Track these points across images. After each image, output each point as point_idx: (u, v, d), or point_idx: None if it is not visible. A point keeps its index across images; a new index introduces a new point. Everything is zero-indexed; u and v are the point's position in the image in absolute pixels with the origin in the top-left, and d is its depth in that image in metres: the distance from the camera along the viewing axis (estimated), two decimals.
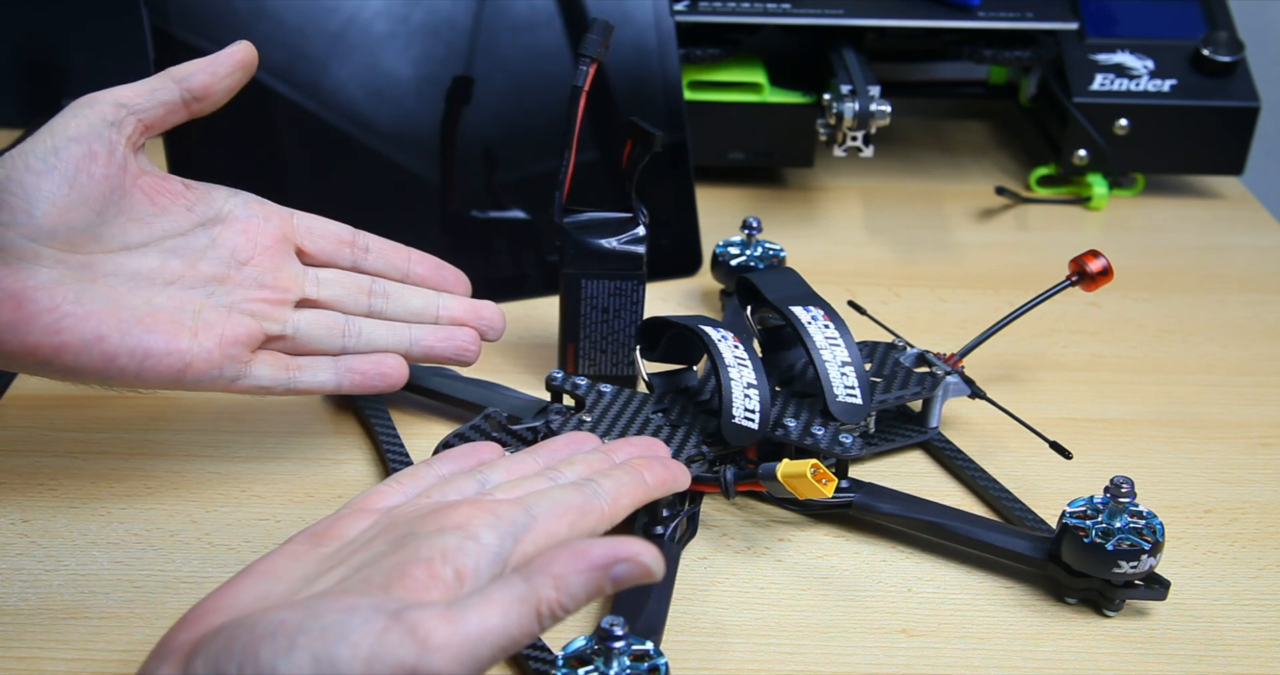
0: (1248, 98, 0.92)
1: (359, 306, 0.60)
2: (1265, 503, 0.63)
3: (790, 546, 0.59)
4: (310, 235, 0.60)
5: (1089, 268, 0.67)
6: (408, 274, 0.62)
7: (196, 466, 0.63)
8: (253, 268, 0.57)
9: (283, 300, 0.58)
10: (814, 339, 0.61)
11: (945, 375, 0.65)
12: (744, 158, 0.93)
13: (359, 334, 0.59)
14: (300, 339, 0.58)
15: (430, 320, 0.61)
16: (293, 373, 0.58)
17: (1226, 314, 0.81)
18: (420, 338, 0.60)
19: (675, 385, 0.64)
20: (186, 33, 0.72)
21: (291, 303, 0.58)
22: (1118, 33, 0.94)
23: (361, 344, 0.60)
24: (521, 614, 0.38)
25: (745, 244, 0.77)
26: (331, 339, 0.59)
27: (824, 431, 0.59)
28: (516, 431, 0.60)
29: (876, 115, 0.82)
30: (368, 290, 0.60)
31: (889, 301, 0.81)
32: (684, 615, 0.55)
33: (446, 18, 0.77)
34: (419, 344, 0.60)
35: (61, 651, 0.51)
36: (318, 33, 0.75)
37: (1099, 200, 0.94)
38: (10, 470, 0.62)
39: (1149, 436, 0.68)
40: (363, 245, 0.61)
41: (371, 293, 0.60)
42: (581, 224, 0.67)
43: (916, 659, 0.53)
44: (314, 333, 0.58)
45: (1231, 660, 0.53)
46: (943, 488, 0.64)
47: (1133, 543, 0.53)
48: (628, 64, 0.80)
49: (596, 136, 0.79)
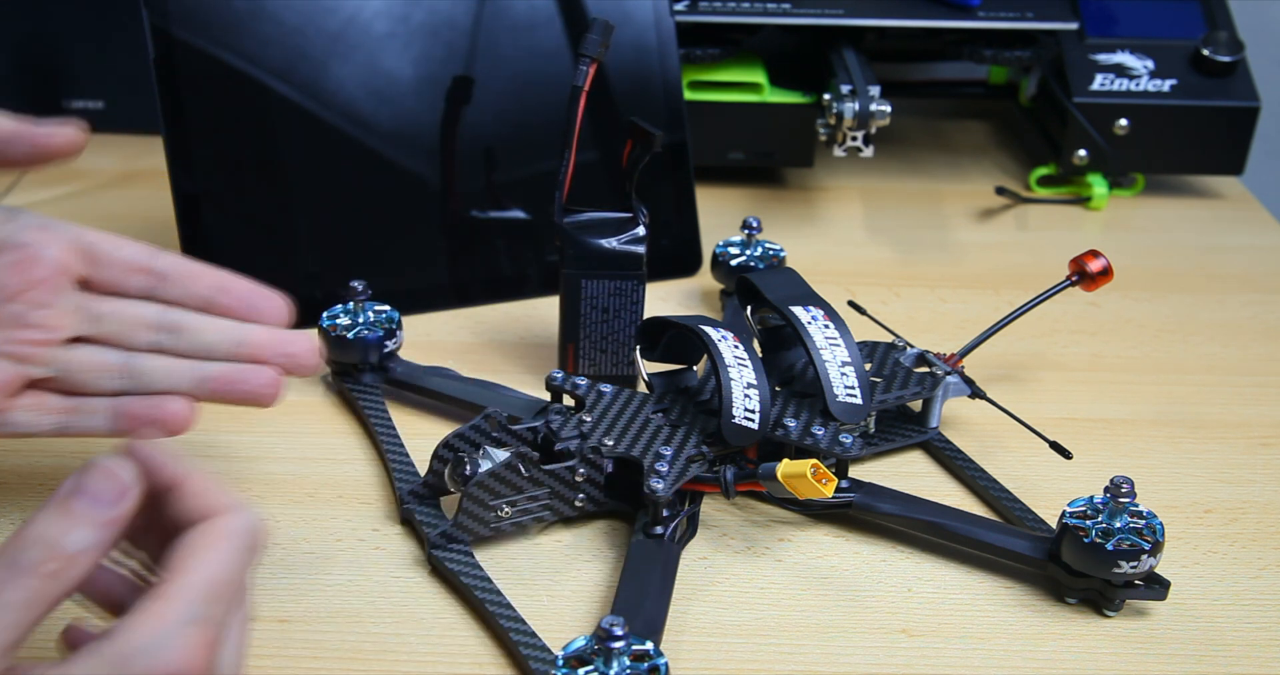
0: (1248, 98, 0.92)
1: (142, 342, 0.54)
2: (1265, 503, 0.63)
3: (790, 546, 0.59)
4: (96, 263, 0.53)
5: (1089, 268, 0.67)
6: (211, 303, 0.54)
7: (196, 466, 0.63)
8: (19, 304, 0.51)
9: (49, 341, 0.52)
10: (814, 339, 0.61)
11: (945, 375, 0.65)
12: (744, 158, 0.93)
13: (139, 373, 0.53)
14: (71, 380, 0.53)
15: (225, 357, 0.54)
16: (63, 416, 0.53)
17: (1226, 314, 0.81)
18: (210, 376, 0.54)
19: (675, 385, 0.64)
20: (186, 33, 0.72)
21: (59, 341, 0.52)
22: (1118, 33, 0.94)
23: (141, 384, 0.53)
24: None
25: (745, 244, 0.77)
26: (106, 380, 0.53)
27: (824, 431, 0.59)
28: (516, 431, 0.60)
29: (876, 115, 0.82)
30: (154, 324, 0.54)
31: (889, 301, 0.81)
32: (684, 615, 0.55)
33: (446, 18, 0.77)
34: (206, 384, 0.54)
35: None
36: (318, 33, 0.75)
37: (1099, 200, 0.94)
38: (10, 470, 0.62)
39: (1149, 436, 0.68)
40: (161, 270, 0.54)
41: (159, 327, 0.54)
42: (581, 224, 0.67)
43: (916, 659, 0.53)
44: (86, 373, 0.53)
45: (1231, 660, 0.53)
46: (943, 488, 0.64)
47: (1133, 543, 0.53)
48: (628, 64, 0.80)
49: (596, 136, 0.79)
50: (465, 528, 0.56)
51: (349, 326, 0.67)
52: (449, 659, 0.52)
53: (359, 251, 0.75)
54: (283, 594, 0.55)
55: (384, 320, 0.68)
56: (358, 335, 0.67)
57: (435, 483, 0.59)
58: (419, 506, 0.59)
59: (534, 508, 0.58)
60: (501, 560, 0.57)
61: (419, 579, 0.56)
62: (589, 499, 0.59)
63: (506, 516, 0.57)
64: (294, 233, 0.74)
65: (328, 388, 0.70)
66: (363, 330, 0.67)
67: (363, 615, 0.54)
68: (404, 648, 0.52)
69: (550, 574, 0.57)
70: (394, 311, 0.69)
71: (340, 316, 0.68)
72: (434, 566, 0.56)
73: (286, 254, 0.75)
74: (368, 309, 0.68)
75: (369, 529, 0.59)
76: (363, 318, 0.68)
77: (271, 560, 0.57)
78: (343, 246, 0.75)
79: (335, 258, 0.75)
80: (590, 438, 0.59)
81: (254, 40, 0.74)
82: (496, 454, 0.58)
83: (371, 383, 0.68)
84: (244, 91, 0.74)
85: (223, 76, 0.74)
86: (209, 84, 0.73)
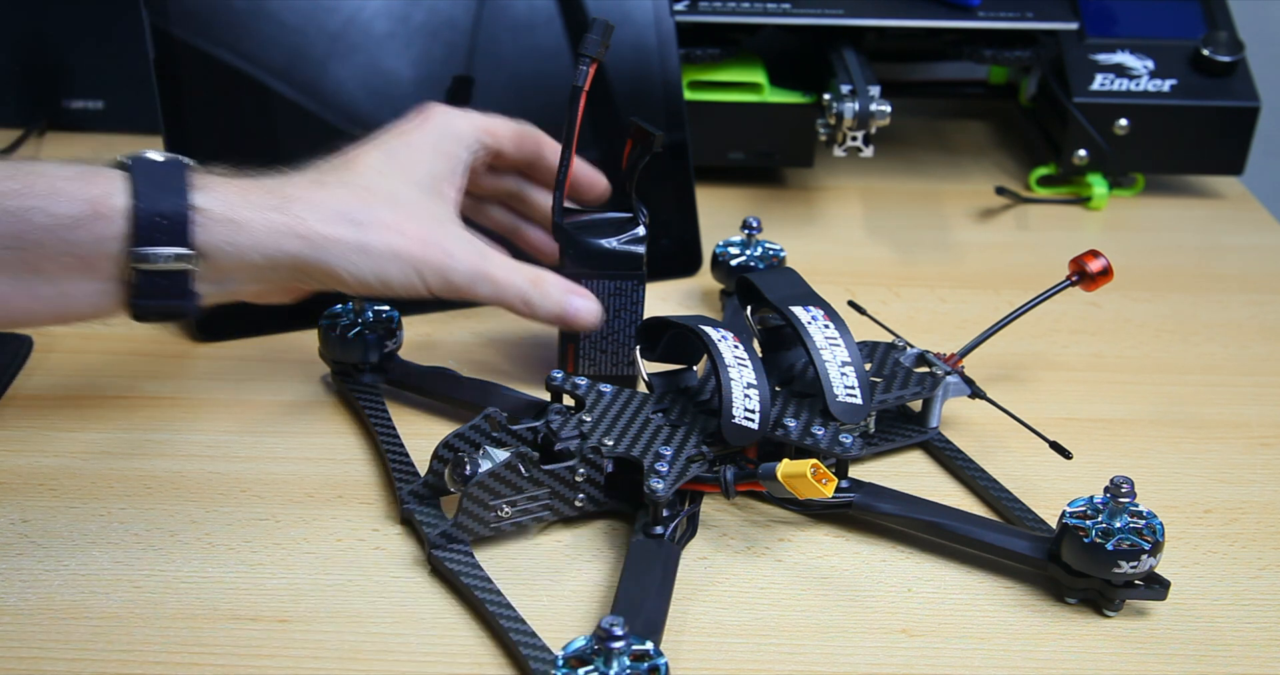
0: (1248, 98, 0.92)
1: None
2: (1265, 503, 0.63)
3: (790, 546, 0.59)
4: None
5: (1089, 268, 0.67)
6: None
7: (196, 466, 0.63)
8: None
9: None
10: (814, 339, 0.61)
11: (945, 375, 0.65)
12: (744, 158, 0.93)
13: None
14: None
15: None
16: None
17: (1226, 314, 0.81)
18: None
19: (675, 385, 0.64)
20: (186, 33, 0.72)
21: None
22: (1118, 33, 0.94)
23: None
24: None
25: (745, 244, 0.77)
26: None
27: (824, 431, 0.59)
28: (516, 431, 0.60)
29: (876, 115, 0.82)
30: None
31: (889, 301, 0.81)
32: (684, 615, 0.55)
33: (446, 18, 0.77)
34: None
35: (61, 651, 0.51)
36: (318, 33, 0.75)
37: (1099, 200, 0.94)
38: (10, 470, 0.62)
39: (1149, 436, 0.68)
40: None
41: None
42: (581, 224, 0.67)
43: (916, 659, 0.53)
44: None
45: (1231, 660, 0.53)
46: (943, 488, 0.64)
47: (1133, 543, 0.53)
48: (628, 64, 0.80)
49: (597, 136, 0.79)
50: (465, 528, 0.56)
51: (349, 326, 0.67)
52: (449, 659, 0.52)
53: None
54: (283, 594, 0.55)
55: (384, 320, 0.68)
56: (358, 335, 0.67)
57: (435, 483, 0.59)
58: (419, 506, 0.59)
59: (534, 508, 0.58)
60: (501, 560, 0.57)
61: (419, 579, 0.56)
62: (589, 499, 0.59)
63: (506, 516, 0.57)
64: None
65: (328, 388, 0.70)
66: (363, 330, 0.67)
67: (363, 615, 0.54)
68: (404, 648, 0.52)
69: (550, 574, 0.57)
70: (394, 311, 0.69)
71: (340, 316, 0.68)
72: (434, 566, 0.56)
73: None
74: (368, 309, 0.68)
75: (369, 529, 0.59)
76: (363, 318, 0.68)
77: (271, 560, 0.57)
78: None
79: None
80: (590, 438, 0.59)
81: (254, 40, 0.74)
82: (496, 454, 0.58)
83: (371, 383, 0.68)
84: (244, 91, 0.74)
85: (223, 76, 0.74)
86: (209, 84, 0.73)
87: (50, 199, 0.53)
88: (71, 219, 0.53)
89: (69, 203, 0.53)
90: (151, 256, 0.54)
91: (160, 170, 0.55)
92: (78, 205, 0.53)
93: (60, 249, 0.53)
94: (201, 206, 0.55)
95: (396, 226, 0.60)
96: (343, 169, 0.62)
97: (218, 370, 0.71)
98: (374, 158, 0.62)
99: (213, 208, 0.56)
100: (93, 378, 0.70)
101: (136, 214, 0.54)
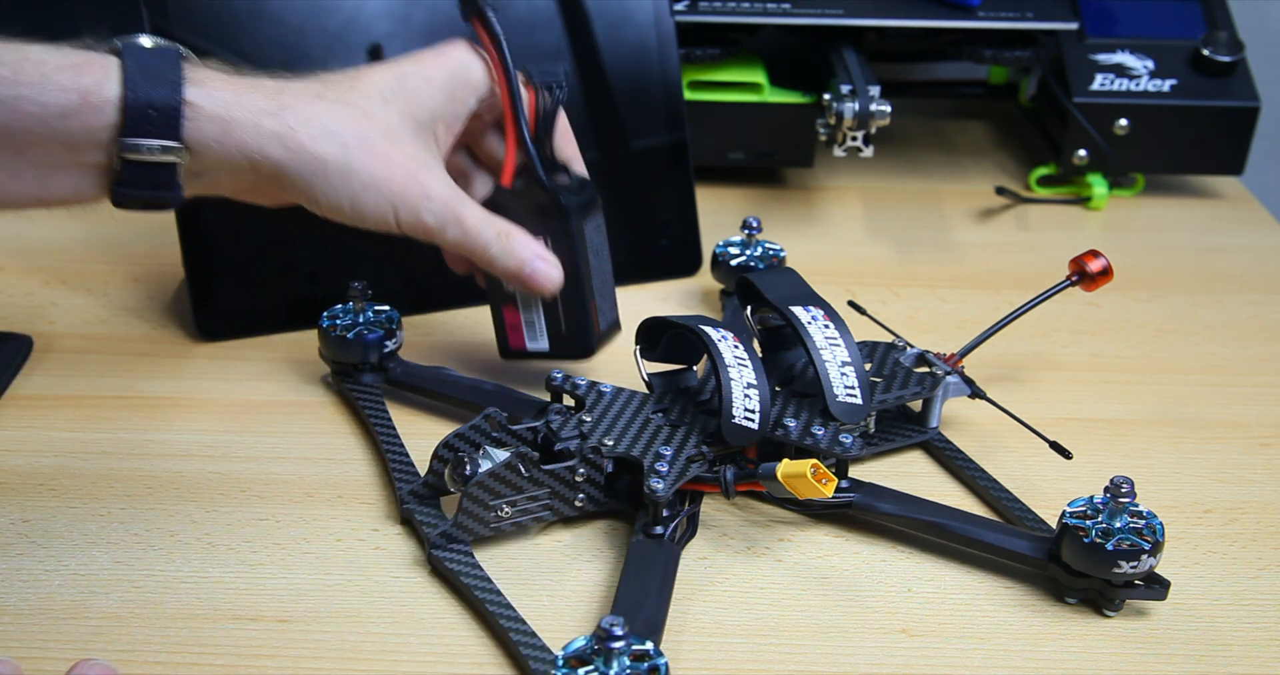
0: (1248, 98, 0.92)
1: None
2: (1265, 503, 0.63)
3: (790, 546, 0.59)
4: None
5: (1089, 268, 0.67)
6: None
7: (196, 466, 0.63)
8: None
9: None
10: (814, 339, 0.61)
11: (945, 375, 0.65)
12: (744, 158, 0.93)
13: None
14: None
15: None
16: None
17: (1226, 314, 0.81)
18: None
19: (675, 385, 0.64)
20: (186, 33, 0.72)
21: None
22: (1118, 33, 0.94)
23: None
24: None
25: (745, 244, 0.77)
26: None
27: (824, 431, 0.59)
28: (516, 431, 0.60)
29: (876, 115, 0.82)
30: None
31: (889, 301, 0.81)
32: (684, 615, 0.55)
33: (446, 18, 0.77)
34: None
35: (61, 651, 0.51)
36: (318, 33, 0.75)
37: (1099, 200, 0.94)
38: (10, 470, 0.62)
39: (1149, 436, 0.68)
40: None
41: None
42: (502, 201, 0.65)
43: (916, 659, 0.53)
44: None
45: (1231, 660, 0.53)
46: (943, 488, 0.64)
47: (1133, 543, 0.53)
48: (628, 64, 0.80)
49: (597, 136, 0.79)
50: (465, 528, 0.56)
51: (349, 326, 0.67)
52: (449, 659, 0.52)
53: (359, 251, 0.75)
54: (283, 594, 0.55)
55: (384, 320, 0.68)
56: (358, 335, 0.67)
57: (435, 483, 0.59)
58: (419, 506, 0.59)
59: (534, 508, 0.58)
60: (501, 560, 0.57)
61: (419, 579, 0.56)
62: (589, 499, 0.59)
63: (506, 516, 0.57)
64: (294, 233, 0.74)
65: (328, 388, 0.70)
66: (363, 330, 0.67)
67: (363, 615, 0.54)
68: (404, 648, 0.52)
69: (550, 574, 0.57)
70: (394, 311, 0.69)
71: (340, 316, 0.68)
72: (434, 566, 0.56)
73: (286, 254, 0.75)
74: (368, 309, 0.68)
75: (369, 529, 0.59)
76: (363, 318, 0.68)
77: (271, 560, 0.57)
78: (343, 246, 0.75)
79: (335, 258, 0.75)
80: (590, 438, 0.59)
81: (254, 40, 0.74)
82: (496, 454, 0.58)
83: (371, 383, 0.68)
84: None
85: None
86: None
87: (40, 88, 0.52)
88: (61, 108, 0.52)
89: (59, 93, 0.52)
90: (139, 147, 0.54)
91: (154, 58, 0.55)
92: (68, 95, 0.52)
93: (47, 137, 0.52)
94: (193, 102, 0.55)
95: (385, 156, 0.59)
96: (346, 86, 0.60)
97: (218, 370, 0.71)
98: (384, 81, 0.61)
99: (204, 104, 0.55)
100: (93, 378, 0.70)
101: (127, 105, 0.53)
